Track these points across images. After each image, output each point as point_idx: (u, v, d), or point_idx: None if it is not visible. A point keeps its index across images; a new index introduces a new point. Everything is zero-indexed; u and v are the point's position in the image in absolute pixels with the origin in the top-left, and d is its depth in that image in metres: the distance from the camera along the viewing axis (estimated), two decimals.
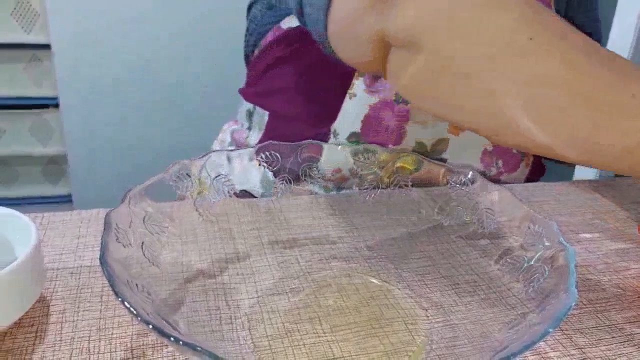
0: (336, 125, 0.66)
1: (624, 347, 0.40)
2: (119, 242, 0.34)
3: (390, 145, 0.68)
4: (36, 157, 1.78)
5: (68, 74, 1.62)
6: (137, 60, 1.64)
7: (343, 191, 0.63)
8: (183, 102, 1.71)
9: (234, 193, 0.63)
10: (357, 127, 0.66)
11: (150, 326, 0.27)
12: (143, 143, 1.74)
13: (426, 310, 0.43)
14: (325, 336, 0.39)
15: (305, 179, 0.54)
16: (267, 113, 0.75)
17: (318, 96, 0.69)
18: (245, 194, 0.65)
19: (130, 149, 1.74)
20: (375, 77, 0.34)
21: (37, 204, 1.82)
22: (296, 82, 0.70)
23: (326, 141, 0.66)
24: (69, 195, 1.81)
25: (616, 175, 1.54)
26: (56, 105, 1.68)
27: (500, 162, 0.72)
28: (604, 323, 0.43)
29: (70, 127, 1.69)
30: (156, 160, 1.72)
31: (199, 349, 0.25)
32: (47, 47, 1.60)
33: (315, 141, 0.53)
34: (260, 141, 0.76)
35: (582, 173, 1.57)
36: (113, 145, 1.73)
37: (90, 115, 1.68)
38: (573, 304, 0.31)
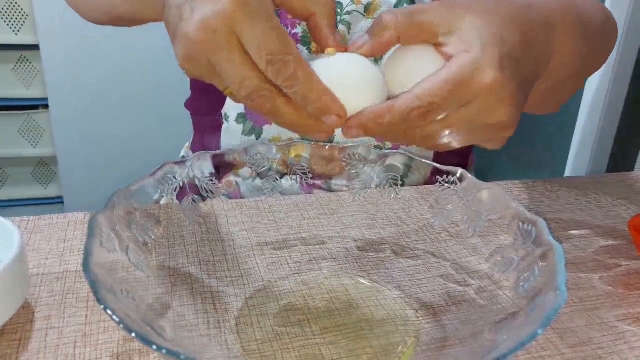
0: (225, 109, 0.67)
1: (616, 346, 0.40)
2: (103, 247, 0.34)
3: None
4: (26, 159, 1.76)
5: (57, 75, 1.60)
6: (127, 61, 1.62)
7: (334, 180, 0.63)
8: (174, 102, 1.70)
9: (223, 194, 0.62)
10: (241, 108, 0.66)
11: (134, 334, 0.26)
12: (134, 143, 1.73)
13: (416, 310, 0.42)
14: (315, 339, 0.39)
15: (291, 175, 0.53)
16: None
17: (206, 86, 0.71)
18: (234, 190, 0.65)
19: (121, 149, 1.73)
20: None
21: (28, 206, 1.80)
22: (190, 78, 0.71)
23: (221, 126, 0.66)
24: (60, 197, 1.79)
25: (607, 172, 1.54)
26: (46, 106, 1.67)
27: None
28: (595, 321, 0.43)
29: (59, 128, 1.67)
30: (148, 160, 1.70)
31: (183, 357, 0.25)
32: (35, 47, 1.59)
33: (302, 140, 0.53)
34: (193, 141, 0.76)
35: (572, 170, 1.57)
36: (104, 146, 1.71)
37: (80, 116, 1.66)
38: (562, 304, 0.31)
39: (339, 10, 0.63)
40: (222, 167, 0.66)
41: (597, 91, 1.41)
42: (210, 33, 0.29)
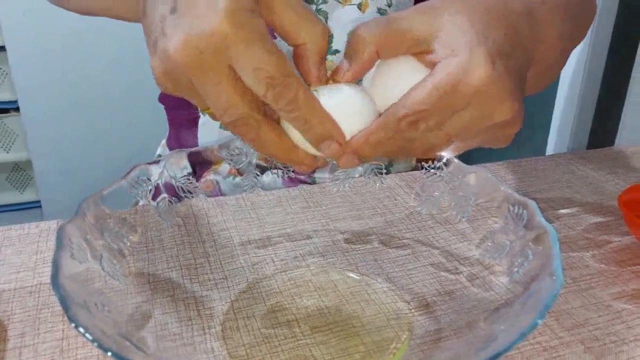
0: None
1: (613, 326, 0.39)
2: (74, 258, 0.32)
3: None
4: (0, 164, 1.72)
5: (26, 76, 1.55)
6: (97, 58, 1.58)
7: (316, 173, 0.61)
8: (149, 98, 1.67)
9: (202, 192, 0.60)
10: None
11: (109, 353, 0.25)
12: (110, 142, 1.69)
13: (408, 302, 0.41)
14: (305, 339, 0.37)
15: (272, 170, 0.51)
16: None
17: None
18: (214, 189, 0.63)
19: (98, 149, 1.69)
20: None
21: (5, 212, 1.76)
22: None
23: (197, 120, 0.64)
24: (38, 201, 1.75)
25: (587, 147, 1.55)
26: (17, 109, 1.62)
27: None
28: (590, 302, 0.42)
29: (32, 131, 1.63)
30: (127, 158, 1.67)
31: None
32: (1, 49, 1.54)
33: None
34: (168, 136, 0.74)
35: (554, 147, 1.58)
36: (79, 147, 1.67)
37: (53, 118, 1.62)
38: (560, 289, 0.30)
39: (315, 0, 0.61)
40: (200, 165, 0.64)
41: (576, 65, 1.41)
42: (195, 53, 0.27)
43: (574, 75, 1.40)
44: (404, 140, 0.32)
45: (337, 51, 0.63)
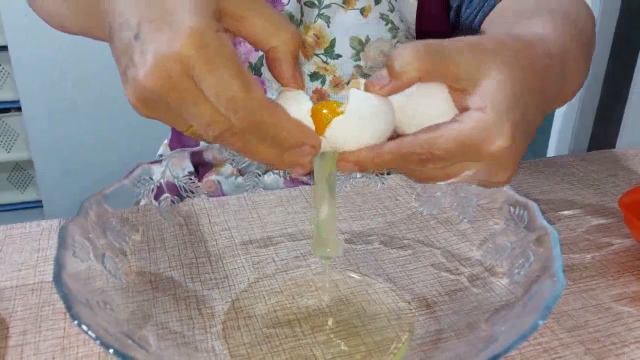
0: None
1: (613, 328, 0.39)
2: (76, 257, 0.32)
3: None
4: (1, 163, 1.72)
5: (28, 76, 1.56)
6: (99, 58, 1.58)
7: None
8: None
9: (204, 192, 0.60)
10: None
11: (111, 350, 0.25)
12: (112, 142, 1.69)
13: (409, 303, 0.41)
14: (306, 339, 0.37)
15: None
16: None
17: None
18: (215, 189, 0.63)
19: (99, 148, 1.69)
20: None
21: (6, 211, 1.76)
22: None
23: None
24: (39, 201, 1.75)
25: (588, 149, 1.55)
26: (18, 109, 1.62)
27: None
28: (591, 303, 0.42)
29: (33, 130, 1.63)
30: (128, 158, 1.67)
31: None
32: (4, 48, 1.54)
33: None
34: (170, 137, 0.74)
35: (555, 149, 1.58)
36: (80, 147, 1.67)
37: (54, 117, 1.62)
38: (561, 291, 0.30)
39: (317, 3, 0.62)
40: (202, 166, 0.64)
41: None
42: (164, 77, 0.26)
43: None
44: (406, 167, 0.32)
45: (339, 55, 0.63)
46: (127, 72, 0.28)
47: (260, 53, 0.62)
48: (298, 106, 0.31)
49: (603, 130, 1.50)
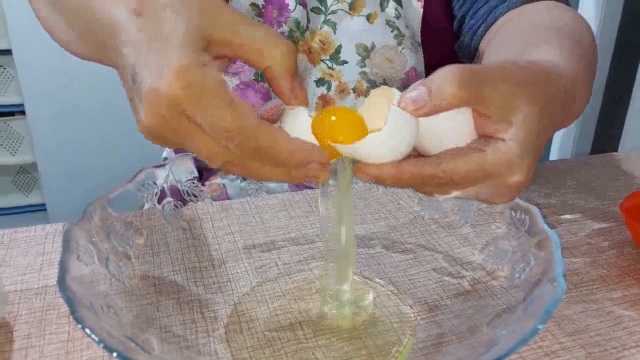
0: None
1: (614, 332, 0.39)
2: (80, 260, 0.32)
3: None
4: (5, 167, 1.72)
5: (32, 80, 1.57)
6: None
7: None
8: None
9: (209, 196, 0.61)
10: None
11: (115, 354, 0.25)
12: (116, 145, 1.70)
13: (410, 306, 0.41)
14: (308, 342, 0.38)
15: None
16: None
17: None
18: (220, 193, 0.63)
19: (103, 152, 1.70)
20: (232, 60, 0.33)
21: (10, 215, 1.77)
22: None
23: None
24: (43, 204, 1.76)
25: (590, 153, 1.55)
26: (22, 112, 1.63)
27: None
28: (592, 307, 0.42)
29: (38, 134, 1.64)
30: (132, 162, 1.68)
31: None
32: (8, 52, 1.55)
33: None
34: None
35: (558, 152, 1.58)
36: (85, 150, 1.68)
37: (59, 121, 1.63)
38: (561, 296, 0.30)
39: (323, 9, 0.62)
40: (206, 169, 0.65)
41: None
42: (160, 118, 0.27)
43: None
44: (420, 187, 0.33)
45: (345, 62, 0.63)
46: (134, 113, 0.30)
47: None
48: (299, 124, 0.31)
49: (605, 133, 1.50)
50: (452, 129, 0.32)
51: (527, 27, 0.50)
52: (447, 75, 0.30)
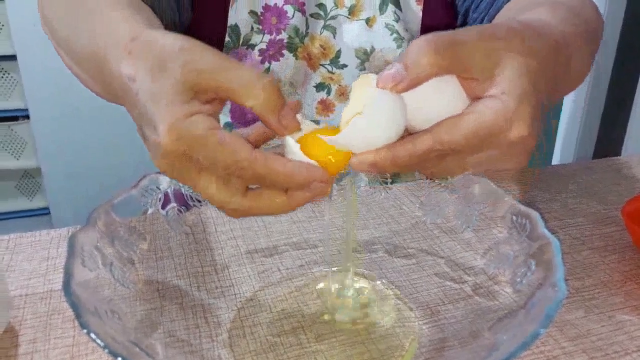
0: None
1: (615, 336, 0.39)
2: (85, 266, 0.33)
3: None
4: (9, 171, 1.73)
5: (36, 85, 1.57)
6: None
7: None
8: None
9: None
10: (228, 117, 0.66)
11: (120, 358, 0.25)
12: (119, 149, 1.71)
13: (413, 311, 0.41)
14: (310, 347, 0.38)
15: None
16: None
17: None
18: None
19: (107, 156, 1.70)
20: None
21: (14, 219, 1.77)
22: None
23: None
24: (47, 208, 1.76)
25: (593, 157, 1.55)
26: (26, 117, 1.64)
27: None
28: (593, 312, 0.42)
29: (42, 138, 1.64)
30: (136, 165, 1.68)
31: None
32: (13, 57, 1.56)
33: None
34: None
35: (560, 156, 1.58)
36: (88, 155, 1.69)
37: (62, 125, 1.64)
38: (562, 300, 0.30)
39: (322, 15, 0.62)
40: None
41: None
42: (167, 168, 0.31)
43: (579, 87, 1.40)
44: (423, 165, 0.32)
45: (344, 65, 0.64)
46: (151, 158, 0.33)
47: (267, 65, 0.63)
48: (291, 150, 0.32)
49: (608, 137, 1.50)
50: (443, 101, 0.31)
51: (526, 4, 0.50)
52: (421, 45, 0.30)
